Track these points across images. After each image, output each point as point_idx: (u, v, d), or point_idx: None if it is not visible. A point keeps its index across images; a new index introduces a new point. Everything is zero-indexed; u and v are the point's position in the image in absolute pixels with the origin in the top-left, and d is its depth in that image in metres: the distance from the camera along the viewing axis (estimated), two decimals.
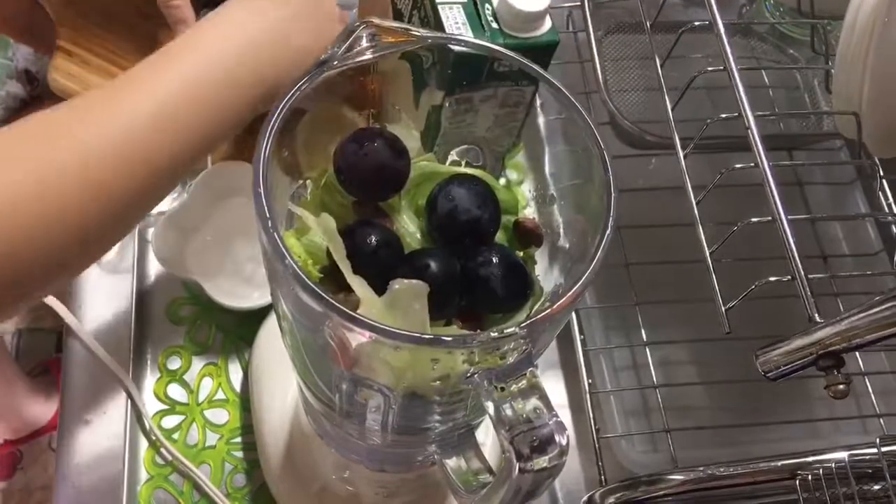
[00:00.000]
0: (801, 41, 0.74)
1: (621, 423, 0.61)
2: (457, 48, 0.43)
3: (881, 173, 0.54)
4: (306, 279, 0.32)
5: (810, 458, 0.50)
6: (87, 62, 0.70)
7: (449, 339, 0.32)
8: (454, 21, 0.53)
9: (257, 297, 0.65)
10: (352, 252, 0.36)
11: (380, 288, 0.36)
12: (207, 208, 0.66)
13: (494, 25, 0.53)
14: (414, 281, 0.34)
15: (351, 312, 0.31)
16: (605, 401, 0.62)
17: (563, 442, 0.32)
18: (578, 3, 0.69)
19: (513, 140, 0.53)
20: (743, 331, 0.50)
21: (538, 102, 0.53)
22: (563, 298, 0.33)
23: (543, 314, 0.33)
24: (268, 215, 0.33)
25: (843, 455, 0.48)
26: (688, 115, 0.61)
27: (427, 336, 0.32)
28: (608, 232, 0.34)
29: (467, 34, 0.53)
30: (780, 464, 0.51)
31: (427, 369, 0.34)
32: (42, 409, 1.30)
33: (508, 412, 0.33)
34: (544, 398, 0.33)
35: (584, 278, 0.33)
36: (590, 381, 0.60)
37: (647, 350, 0.64)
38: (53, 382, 1.34)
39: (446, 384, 0.36)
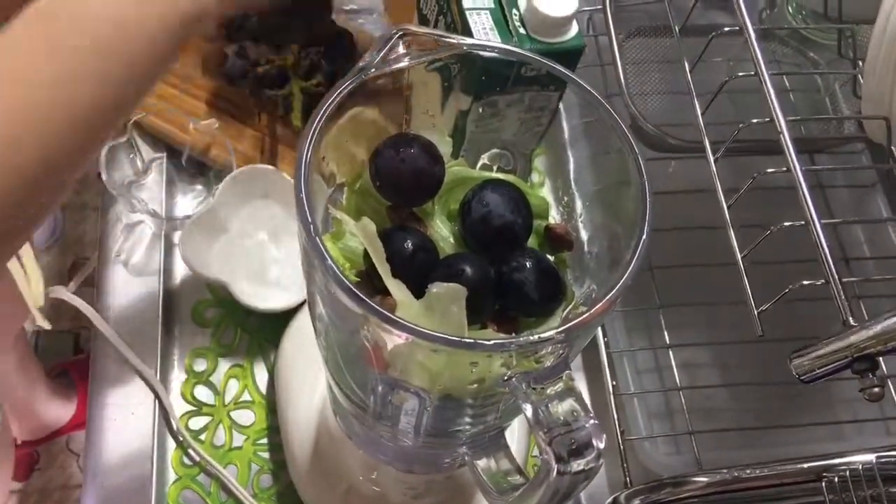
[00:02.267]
0: (821, 44, 0.74)
1: (645, 426, 0.62)
2: (486, 55, 0.44)
3: None
4: (349, 284, 0.32)
5: (836, 461, 0.50)
6: None
7: (490, 342, 0.32)
8: (482, 27, 0.53)
9: (283, 299, 0.65)
10: (389, 256, 0.36)
11: (416, 292, 0.36)
12: (233, 211, 0.67)
13: (522, 31, 0.53)
14: (453, 284, 0.34)
15: (393, 316, 0.32)
16: (629, 403, 0.62)
17: (601, 445, 0.33)
18: (599, 7, 0.69)
19: (536, 143, 0.54)
20: (766, 333, 0.51)
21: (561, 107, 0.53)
22: (601, 303, 0.33)
23: (581, 319, 0.33)
24: (310, 220, 0.33)
25: (870, 457, 0.48)
26: (709, 119, 0.62)
27: (468, 340, 0.32)
28: (644, 237, 0.35)
29: (495, 39, 0.53)
30: (805, 466, 0.51)
31: (465, 372, 0.35)
32: (60, 412, 1.31)
33: (546, 415, 0.33)
34: (580, 401, 0.34)
35: (620, 283, 0.34)
36: (613, 383, 0.61)
37: (671, 352, 0.64)
38: (72, 384, 1.34)
39: (482, 387, 0.37)
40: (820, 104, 0.71)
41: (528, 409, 0.34)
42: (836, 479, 0.49)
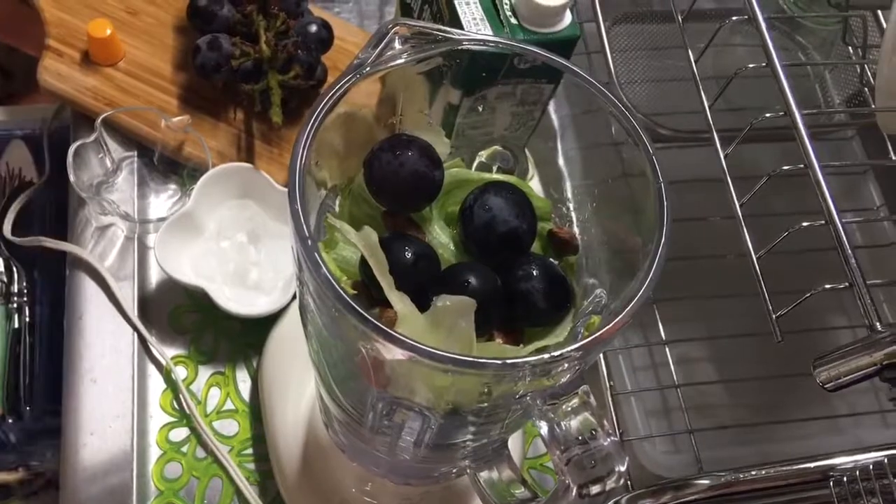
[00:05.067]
0: (809, 28, 0.72)
1: (643, 424, 0.60)
2: (479, 48, 0.41)
3: None
4: (352, 302, 0.30)
5: (843, 459, 0.49)
6: (77, 62, 0.67)
7: (503, 362, 0.30)
8: (472, 17, 0.51)
9: (264, 303, 0.62)
10: (389, 266, 0.34)
11: (417, 304, 0.34)
12: (209, 212, 0.64)
13: (513, 20, 0.51)
14: (461, 297, 0.32)
15: (399, 335, 0.30)
16: (625, 402, 0.61)
17: (622, 468, 0.31)
18: None
19: (528, 138, 0.52)
20: (759, 327, 0.49)
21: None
22: (620, 317, 0.31)
23: (599, 334, 0.31)
24: (307, 235, 0.31)
25: (879, 455, 0.47)
26: (697, 108, 0.60)
27: (480, 360, 0.30)
28: (662, 244, 0.33)
29: (486, 30, 0.51)
30: (812, 465, 0.50)
31: (475, 389, 0.33)
32: None
33: (563, 433, 0.31)
34: (598, 417, 0.32)
35: (639, 295, 0.32)
36: (611, 383, 0.59)
37: (667, 349, 0.62)
38: None
39: (490, 402, 0.35)
40: (810, 91, 0.70)
41: (544, 428, 0.32)
42: (844, 479, 0.47)
